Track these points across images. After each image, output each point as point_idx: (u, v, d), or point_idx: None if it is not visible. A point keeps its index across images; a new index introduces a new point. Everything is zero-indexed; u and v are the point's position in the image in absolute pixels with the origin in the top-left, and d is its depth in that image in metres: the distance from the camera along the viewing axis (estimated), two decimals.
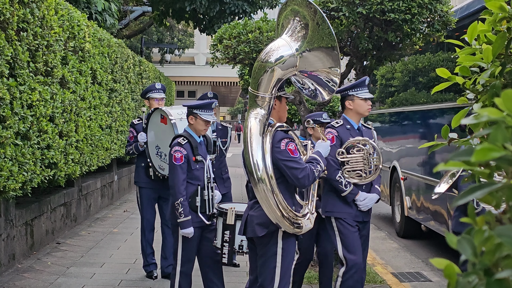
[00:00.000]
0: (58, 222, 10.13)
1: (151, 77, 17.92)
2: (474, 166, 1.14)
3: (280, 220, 4.67)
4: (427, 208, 10.24)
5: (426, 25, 8.06)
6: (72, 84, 9.60)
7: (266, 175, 4.60)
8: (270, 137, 4.75)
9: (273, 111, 4.89)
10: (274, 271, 4.83)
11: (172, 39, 39.54)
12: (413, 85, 11.33)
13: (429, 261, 9.47)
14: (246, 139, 4.70)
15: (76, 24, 9.90)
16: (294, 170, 4.70)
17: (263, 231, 4.80)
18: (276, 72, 4.75)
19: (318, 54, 4.80)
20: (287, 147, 4.74)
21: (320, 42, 4.73)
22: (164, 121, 7.58)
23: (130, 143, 8.18)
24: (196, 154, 5.98)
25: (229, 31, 9.06)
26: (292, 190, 4.92)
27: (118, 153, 13.82)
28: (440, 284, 8.29)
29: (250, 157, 4.65)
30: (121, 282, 7.70)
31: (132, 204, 14.35)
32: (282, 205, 4.63)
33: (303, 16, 4.78)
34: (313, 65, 4.87)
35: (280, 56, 4.77)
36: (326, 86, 4.98)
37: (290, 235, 4.85)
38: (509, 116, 1.15)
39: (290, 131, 4.93)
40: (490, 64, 2.63)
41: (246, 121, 4.78)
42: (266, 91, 4.76)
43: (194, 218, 5.93)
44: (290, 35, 4.84)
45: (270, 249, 4.85)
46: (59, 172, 9.05)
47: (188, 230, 5.86)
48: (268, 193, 4.59)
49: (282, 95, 4.99)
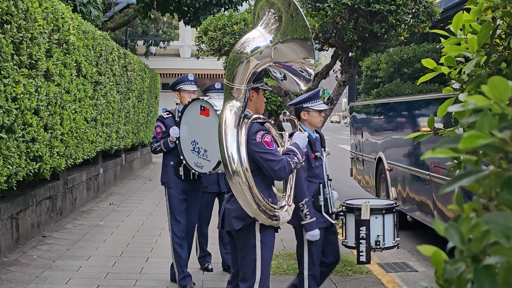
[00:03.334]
0: (44, 216, 10.09)
1: (136, 70, 17.86)
2: (461, 153, 1.14)
3: (257, 213, 4.64)
4: (413, 199, 10.28)
5: (411, 16, 8.07)
6: (56, 77, 9.55)
7: (241, 168, 4.56)
8: (245, 129, 4.72)
9: (250, 102, 4.86)
10: (254, 264, 4.82)
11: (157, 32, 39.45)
12: (398, 76, 11.35)
13: (415, 252, 9.54)
14: (220, 132, 4.67)
15: (61, 16, 9.85)
16: (270, 162, 4.68)
17: (240, 224, 4.78)
18: (252, 63, 4.72)
19: (291, 46, 4.80)
20: (263, 139, 4.71)
21: (293, 34, 4.73)
22: (206, 113, 6.86)
23: (157, 139, 7.37)
24: (315, 151, 5.77)
25: (214, 22, 9.03)
26: (269, 182, 4.89)
27: (103, 145, 13.78)
28: (426, 274, 8.33)
29: (224, 150, 4.61)
30: (108, 275, 7.68)
31: (118, 197, 14.33)
32: (258, 198, 4.60)
33: (278, 8, 4.78)
34: (286, 56, 4.87)
35: (256, 47, 4.75)
36: (301, 77, 4.98)
37: (268, 228, 4.83)
38: (496, 104, 1.16)
39: (267, 123, 4.91)
40: (476, 54, 2.64)
41: (221, 113, 4.75)
42: (241, 83, 4.72)
43: (319, 218, 5.68)
44: (264, 27, 4.83)
45: (249, 243, 4.83)
46: (44, 165, 9.02)
47: (315, 232, 5.63)
48: (243, 186, 4.56)
49: (260, 87, 4.98)
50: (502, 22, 2.65)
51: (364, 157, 13.66)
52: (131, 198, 14.19)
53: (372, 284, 7.52)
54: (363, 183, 13.94)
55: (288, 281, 6.85)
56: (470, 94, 2.58)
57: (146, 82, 20.15)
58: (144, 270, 7.92)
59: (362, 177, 14.06)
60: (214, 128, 5.68)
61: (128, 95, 16.93)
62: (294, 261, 8.08)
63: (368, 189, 13.46)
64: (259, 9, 4.93)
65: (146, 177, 18.87)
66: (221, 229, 5.06)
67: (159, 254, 8.68)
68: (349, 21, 8.06)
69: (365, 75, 13.90)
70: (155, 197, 14.35)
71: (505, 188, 1.15)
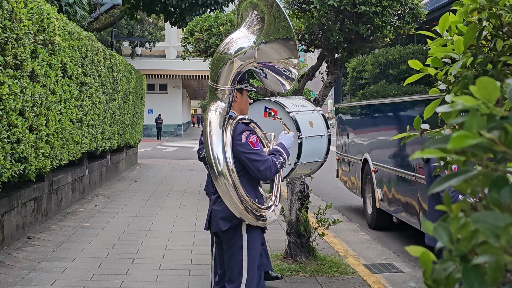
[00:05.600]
0: (29, 217, 10.05)
1: (121, 71, 17.82)
2: (450, 153, 1.15)
3: (243, 214, 4.65)
4: (398, 200, 10.32)
5: (397, 17, 8.09)
6: (42, 78, 9.51)
7: (227, 169, 4.58)
8: (231, 130, 4.73)
9: (234, 103, 4.88)
10: (241, 265, 4.83)
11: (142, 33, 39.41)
12: (383, 78, 11.39)
13: (401, 253, 9.57)
14: (206, 133, 4.68)
15: (46, 17, 9.81)
16: (256, 163, 4.69)
17: (227, 225, 4.79)
18: (236, 64, 4.74)
19: (274, 46, 4.82)
20: (248, 139, 4.73)
21: (276, 34, 4.75)
22: None
23: None
24: None
25: (200, 24, 9.02)
26: (255, 182, 4.91)
27: (89, 147, 13.73)
28: (412, 275, 8.37)
29: (210, 151, 4.63)
30: (93, 276, 7.65)
31: (103, 198, 14.29)
32: (245, 198, 4.62)
33: (261, 10, 4.79)
34: (270, 57, 4.89)
35: (240, 47, 4.77)
36: (285, 77, 5.00)
37: (255, 228, 4.84)
38: (484, 104, 1.16)
39: (252, 123, 4.92)
40: (462, 55, 2.65)
41: (206, 114, 4.76)
42: (226, 83, 4.74)
43: None
44: (247, 28, 4.85)
45: (235, 243, 4.83)
46: (29, 166, 8.97)
47: None
48: (229, 187, 4.57)
49: (244, 88, 4.99)
50: (488, 23, 2.67)
51: (350, 158, 13.70)
52: (117, 200, 14.15)
53: (358, 285, 7.53)
54: (349, 184, 13.98)
55: (296, 282, 6.85)
56: (456, 95, 2.60)
57: (132, 83, 20.11)
58: (130, 271, 7.90)
59: (348, 178, 14.10)
60: (283, 133, 5.36)
61: (114, 96, 16.88)
62: (280, 262, 8.09)
63: (354, 190, 13.51)
64: (242, 10, 4.95)
65: (131, 179, 18.83)
66: (208, 230, 5.06)
67: (144, 256, 8.66)
68: (335, 22, 8.07)
69: (350, 76, 13.94)
70: (141, 198, 14.33)
71: (494, 187, 1.16)
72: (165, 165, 24.04)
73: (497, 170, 1.19)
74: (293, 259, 8.12)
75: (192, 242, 9.52)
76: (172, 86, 48.96)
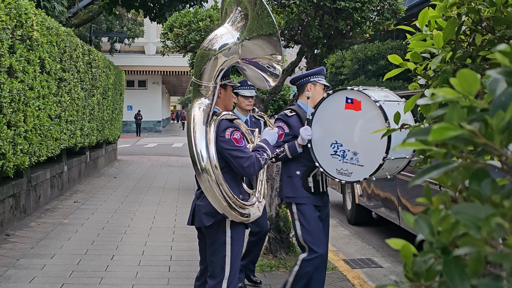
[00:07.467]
0: (7, 214, 9.97)
1: (100, 67, 17.73)
2: (430, 145, 1.15)
3: (227, 210, 4.64)
4: (377, 195, 10.35)
5: (376, 13, 8.13)
6: (20, 74, 9.44)
7: (210, 165, 4.57)
8: (214, 126, 4.73)
9: (218, 99, 4.87)
10: (224, 260, 4.82)
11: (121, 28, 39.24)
12: (362, 73, 11.42)
13: (380, 248, 9.61)
14: (189, 129, 4.67)
15: (24, 12, 9.72)
16: (239, 159, 4.69)
17: (210, 220, 4.78)
18: (220, 60, 4.73)
19: (258, 42, 4.82)
20: (232, 136, 4.72)
21: (259, 31, 4.75)
22: (355, 107, 5.53)
23: (278, 143, 5.86)
24: None
25: (180, 19, 9.00)
26: (239, 179, 4.90)
27: (67, 143, 13.65)
28: (391, 270, 8.41)
29: (193, 147, 4.62)
30: (72, 273, 7.61)
31: (83, 194, 14.22)
32: (228, 195, 4.61)
33: (244, 6, 4.79)
34: (253, 53, 4.88)
35: (224, 43, 4.76)
36: (269, 73, 5.00)
37: (239, 224, 4.84)
38: (464, 97, 1.17)
39: (236, 120, 4.92)
40: (441, 50, 2.66)
41: (190, 111, 4.75)
42: (209, 80, 4.73)
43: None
44: (231, 24, 4.84)
45: (218, 239, 4.83)
46: (7, 162, 8.90)
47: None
48: (212, 183, 4.56)
49: (227, 83, 4.98)
50: (467, 18, 2.68)
51: None
52: (96, 196, 14.08)
53: (337, 280, 7.56)
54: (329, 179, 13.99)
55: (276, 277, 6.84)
56: None
57: (111, 79, 20.02)
58: (109, 268, 7.87)
59: None
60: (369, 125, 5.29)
61: (93, 92, 16.80)
62: (260, 258, 8.08)
63: (333, 186, 13.53)
64: (226, 5, 4.94)
65: (111, 175, 18.75)
66: (191, 225, 5.05)
67: (124, 252, 8.63)
68: (315, 18, 8.09)
69: (330, 72, 13.97)
70: (120, 194, 14.26)
71: (474, 180, 1.16)
72: (145, 161, 23.97)
73: (478, 162, 1.19)
74: (273, 255, 8.12)
75: (172, 238, 9.50)
76: (152, 82, 48.84)
